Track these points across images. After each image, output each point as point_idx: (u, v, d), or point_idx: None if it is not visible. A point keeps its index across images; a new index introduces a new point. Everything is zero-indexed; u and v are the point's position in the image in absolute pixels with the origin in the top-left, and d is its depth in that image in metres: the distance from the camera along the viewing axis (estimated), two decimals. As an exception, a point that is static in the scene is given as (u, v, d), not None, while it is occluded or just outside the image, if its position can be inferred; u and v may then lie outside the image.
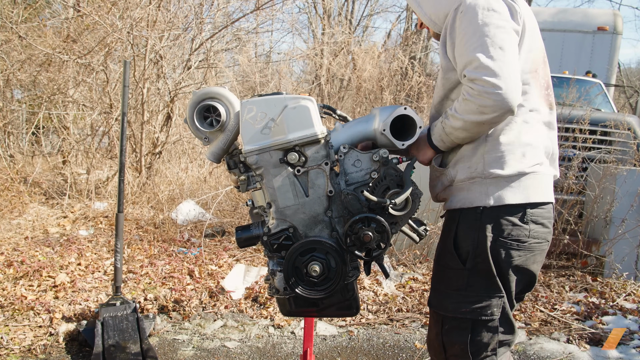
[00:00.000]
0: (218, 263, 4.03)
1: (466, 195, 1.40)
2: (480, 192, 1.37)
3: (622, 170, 3.97)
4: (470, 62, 1.26)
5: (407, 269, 4.05)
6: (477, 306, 1.38)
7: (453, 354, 1.44)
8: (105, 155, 6.84)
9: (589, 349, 2.87)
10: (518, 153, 1.36)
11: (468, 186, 1.40)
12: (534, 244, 1.39)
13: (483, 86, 1.22)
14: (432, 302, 1.49)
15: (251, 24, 8.69)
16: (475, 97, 1.25)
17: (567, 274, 4.05)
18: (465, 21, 1.29)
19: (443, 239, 1.48)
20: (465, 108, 1.29)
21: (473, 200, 1.38)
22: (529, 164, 1.37)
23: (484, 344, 1.41)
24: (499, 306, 1.39)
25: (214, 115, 1.50)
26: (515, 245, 1.37)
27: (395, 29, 13.67)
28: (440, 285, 1.47)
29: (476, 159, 1.38)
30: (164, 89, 6.39)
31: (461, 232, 1.40)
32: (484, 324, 1.40)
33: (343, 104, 8.88)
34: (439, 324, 1.45)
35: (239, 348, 2.83)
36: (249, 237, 1.50)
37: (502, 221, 1.36)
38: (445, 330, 1.44)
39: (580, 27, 6.72)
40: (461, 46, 1.30)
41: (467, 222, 1.39)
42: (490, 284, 1.38)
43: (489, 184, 1.37)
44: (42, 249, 4.17)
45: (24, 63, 6.21)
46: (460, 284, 1.40)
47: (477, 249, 1.37)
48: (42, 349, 2.67)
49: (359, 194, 1.42)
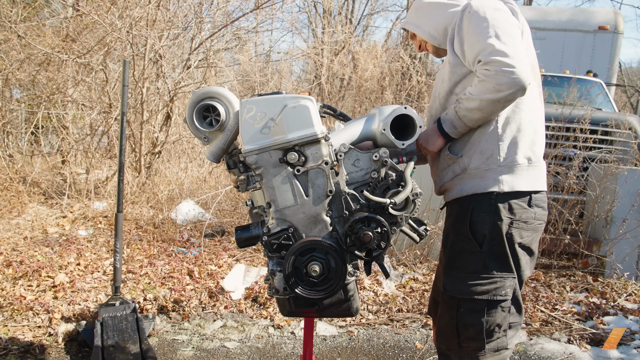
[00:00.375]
0: (218, 263, 4.02)
1: (480, 182, 1.49)
2: (494, 178, 1.47)
3: (623, 170, 3.96)
4: (485, 48, 1.37)
5: (408, 269, 4.04)
6: (493, 287, 1.48)
7: (467, 337, 1.50)
8: (105, 154, 6.82)
9: (589, 349, 2.86)
10: (529, 142, 1.50)
11: (482, 173, 1.49)
12: (537, 225, 1.53)
13: (499, 66, 1.34)
14: (447, 287, 1.54)
15: (251, 23, 8.69)
16: (492, 77, 1.36)
17: (568, 274, 4.04)
18: (475, 18, 1.43)
19: (456, 225, 1.54)
20: (481, 89, 1.39)
21: (487, 186, 1.47)
22: (537, 154, 1.51)
23: (497, 325, 1.49)
24: (512, 287, 1.49)
25: (214, 114, 1.50)
26: (524, 227, 1.49)
27: (395, 28, 13.65)
28: (454, 270, 1.54)
29: (490, 147, 1.48)
30: (163, 89, 6.37)
31: (476, 216, 1.49)
32: (498, 305, 1.48)
33: (343, 103, 8.87)
34: (454, 308, 1.51)
35: (238, 348, 2.82)
36: (249, 237, 1.50)
37: (513, 205, 1.47)
38: (461, 314, 1.50)
39: (581, 26, 6.71)
40: (473, 38, 1.42)
41: (481, 206, 1.48)
42: (504, 264, 1.48)
43: (502, 171, 1.47)
44: (41, 249, 4.16)
45: (23, 62, 6.19)
46: (477, 266, 1.49)
47: (493, 232, 1.47)
48: (41, 349, 2.66)
49: (359, 193, 1.42)
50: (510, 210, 1.47)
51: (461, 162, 1.52)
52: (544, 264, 4.14)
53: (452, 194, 1.57)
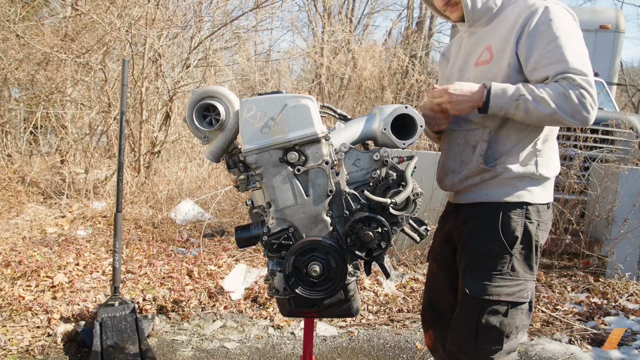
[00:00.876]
0: (217, 263, 4.01)
1: (511, 190, 1.50)
2: (526, 189, 1.50)
3: (624, 169, 3.95)
4: (578, 70, 1.35)
5: (408, 269, 4.03)
6: (518, 289, 1.49)
7: (488, 339, 1.50)
8: (104, 154, 6.81)
9: (591, 349, 2.86)
10: (555, 158, 1.57)
11: (515, 182, 1.50)
12: (549, 226, 1.59)
13: (590, 100, 1.35)
14: (470, 288, 1.52)
15: (250, 22, 8.66)
16: (579, 105, 1.34)
17: (569, 274, 4.03)
18: (557, 27, 1.39)
19: (479, 228, 1.53)
20: (563, 104, 1.35)
21: (520, 195, 1.50)
22: (557, 168, 1.58)
23: (515, 327, 1.51)
24: (532, 289, 1.53)
25: (213, 114, 1.49)
26: (544, 228, 1.54)
27: (395, 28, 13.65)
28: (480, 271, 1.52)
29: (528, 159, 1.50)
30: (162, 88, 6.36)
31: (506, 220, 1.49)
32: (519, 306, 1.50)
33: (343, 102, 8.85)
34: (476, 309, 1.50)
35: (238, 349, 2.81)
36: (249, 237, 1.49)
37: (540, 208, 1.52)
38: (482, 315, 1.49)
39: (582, 25, 6.64)
40: (554, 48, 1.38)
41: (514, 210, 1.50)
42: (529, 267, 1.51)
43: (534, 183, 1.51)
44: (40, 249, 4.15)
45: (21, 62, 6.18)
46: (504, 268, 1.49)
47: (524, 235, 1.49)
48: (40, 349, 2.65)
49: (359, 193, 1.41)
50: (537, 212, 1.52)
51: (494, 171, 1.52)
52: (545, 264, 4.12)
53: (473, 196, 1.56)
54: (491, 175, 1.52)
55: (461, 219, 1.60)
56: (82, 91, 6.52)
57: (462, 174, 1.57)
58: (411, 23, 13.48)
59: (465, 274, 1.55)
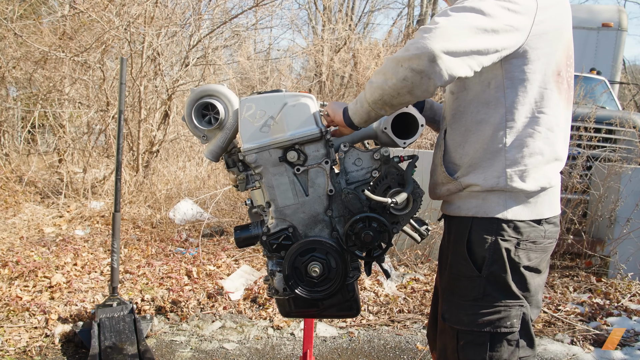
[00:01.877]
0: (216, 263, 3.99)
1: (481, 203, 1.29)
2: (498, 203, 1.28)
3: (627, 169, 3.92)
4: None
5: (409, 269, 4.01)
6: (496, 317, 1.28)
7: None
8: (102, 153, 6.78)
9: (593, 350, 2.83)
10: (542, 168, 1.27)
11: (484, 195, 1.29)
12: (547, 245, 1.33)
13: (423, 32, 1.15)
14: (445, 315, 1.36)
15: (250, 20, 8.62)
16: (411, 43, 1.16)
17: (571, 274, 4.01)
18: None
19: (453, 245, 1.36)
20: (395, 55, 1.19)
21: (488, 211, 1.28)
22: (550, 180, 1.29)
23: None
24: (519, 317, 1.29)
25: (212, 113, 1.50)
26: (532, 247, 1.29)
27: (396, 26, 13.63)
28: (453, 296, 1.35)
29: (496, 171, 1.27)
30: (161, 87, 6.33)
31: (475, 237, 1.29)
32: (503, 338, 1.29)
33: (344, 101, 8.83)
34: (454, 339, 1.33)
35: (237, 349, 2.79)
36: (248, 237, 1.48)
37: (519, 224, 1.27)
38: (461, 347, 1.31)
39: (585, 23, 6.65)
40: None
41: (482, 227, 1.29)
42: (508, 291, 1.28)
43: (508, 197, 1.27)
44: (37, 249, 4.12)
45: (19, 60, 6.15)
46: (476, 293, 1.29)
47: (494, 254, 1.27)
48: (38, 350, 2.63)
49: (359, 193, 1.39)
50: (515, 229, 1.27)
51: (457, 183, 1.32)
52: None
53: (449, 208, 1.39)
54: (456, 187, 1.33)
55: (445, 232, 1.43)
56: (80, 90, 6.50)
57: (433, 179, 1.44)
58: (412, 21, 13.46)
59: (442, 297, 1.40)
